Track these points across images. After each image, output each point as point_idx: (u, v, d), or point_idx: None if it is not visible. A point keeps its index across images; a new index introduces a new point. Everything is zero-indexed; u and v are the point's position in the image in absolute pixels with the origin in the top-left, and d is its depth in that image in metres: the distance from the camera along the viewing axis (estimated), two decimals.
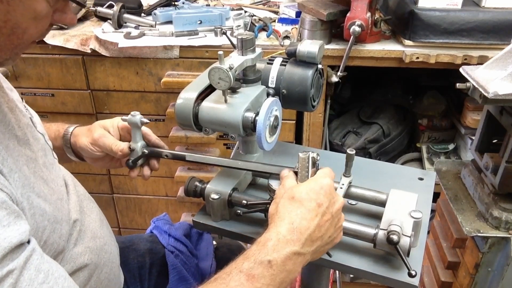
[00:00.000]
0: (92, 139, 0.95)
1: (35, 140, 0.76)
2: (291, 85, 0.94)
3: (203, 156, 0.93)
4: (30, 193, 0.66)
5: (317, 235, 0.70)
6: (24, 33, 0.60)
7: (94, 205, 0.94)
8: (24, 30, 0.60)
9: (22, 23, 0.59)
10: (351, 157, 0.90)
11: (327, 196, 0.71)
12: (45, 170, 0.74)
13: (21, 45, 0.62)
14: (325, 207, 0.71)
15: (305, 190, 0.71)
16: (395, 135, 1.81)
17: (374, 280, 0.80)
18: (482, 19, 1.39)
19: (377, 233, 0.77)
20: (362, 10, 1.40)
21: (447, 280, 1.28)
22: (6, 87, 0.77)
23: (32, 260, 0.59)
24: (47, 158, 0.78)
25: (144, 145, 0.96)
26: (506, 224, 1.07)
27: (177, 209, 1.89)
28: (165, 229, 1.13)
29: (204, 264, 1.10)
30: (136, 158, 0.94)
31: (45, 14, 0.61)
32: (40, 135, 0.80)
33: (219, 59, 0.81)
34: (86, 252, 0.81)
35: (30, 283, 0.57)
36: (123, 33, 1.56)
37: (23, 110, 0.78)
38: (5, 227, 0.56)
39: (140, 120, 0.92)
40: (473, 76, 1.00)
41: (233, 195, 0.88)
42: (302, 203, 0.70)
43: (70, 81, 1.63)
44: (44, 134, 0.83)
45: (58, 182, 0.78)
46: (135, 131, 0.94)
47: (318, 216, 0.70)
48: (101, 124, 0.97)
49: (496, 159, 1.10)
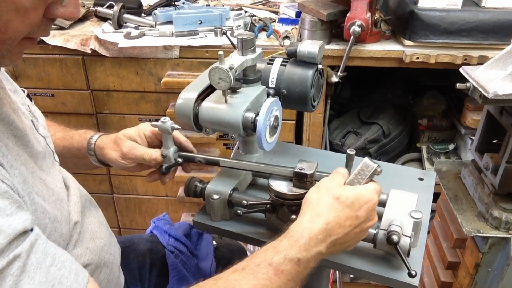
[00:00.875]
0: (122, 153, 0.93)
1: (36, 142, 0.75)
2: (291, 85, 0.94)
3: (238, 162, 0.91)
4: (31, 190, 0.66)
5: (341, 241, 0.72)
6: (7, 27, 0.55)
7: (95, 207, 0.94)
8: (6, 23, 0.55)
9: (3, 16, 0.54)
10: (351, 157, 0.90)
11: (368, 212, 0.72)
12: (43, 173, 0.73)
13: (8, 41, 0.58)
14: (360, 221, 0.72)
15: (352, 196, 0.72)
16: (395, 135, 1.81)
17: (374, 280, 0.80)
18: (482, 19, 1.39)
19: (377, 233, 0.77)
20: (362, 10, 1.40)
21: (447, 280, 1.28)
22: (9, 88, 0.76)
23: (38, 244, 0.59)
24: (46, 161, 0.77)
25: (176, 150, 0.93)
26: (506, 224, 1.07)
27: (177, 209, 1.89)
28: (165, 229, 1.13)
29: (204, 264, 1.10)
30: (169, 165, 0.92)
31: (29, 6, 0.55)
32: (41, 138, 0.79)
33: (219, 59, 0.81)
34: (86, 253, 0.81)
35: (38, 266, 0.58)
36: (123, 33, 1.56)
37: (25, 112, 0.78)
38: (8, 216, 0.56)
39: (171, 126, 0.89)
40: (473, 76, 1.00)
41: (233, 195, 0.88)
42: (343, 208, 0.71)
43: (70, 81, 1.62)
44: (46, 136, 0.82)
45: (57, 184, 0.78)
46: (166, 137, 0.91)
47: (351, 226, 0.71)
48: (127, 135, 0.95)
49: (496, 159, 1.10)
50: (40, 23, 0.60)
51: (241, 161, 0.91)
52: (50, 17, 0.61)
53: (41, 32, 0.62)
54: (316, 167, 0.80)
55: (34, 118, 0.81)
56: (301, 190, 0.79)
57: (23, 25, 0.57)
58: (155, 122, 0.91)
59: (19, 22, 0.56)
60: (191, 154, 0.94)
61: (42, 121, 0.84)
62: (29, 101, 0.85)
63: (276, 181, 0.82)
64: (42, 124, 0.83)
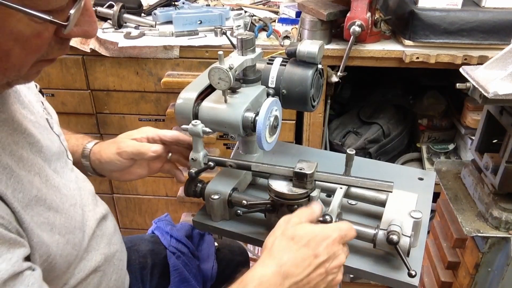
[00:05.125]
0: (118, 148, 0.90)
1: (50, 143, 0.74)
2: (291, 85, 0.94)
3: (270, 166, 0.84)
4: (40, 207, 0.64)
5: (305, 283, 0.66)
6: (9, 56, 0.52)
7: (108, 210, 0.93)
8: (7, 53, 0.52)
9: (1, 45, 0.50)
10: (351, 157, 0.90)
11: (328, 250, 0.67)
12: (56, 176, 0.73)
13: (12, 68, 0.54)
14: (321, 260, 0.67)
15: (308, 235, 0.68)
16: (395, 135, 1.81)
17: (374, 280, 0.80)
18: (482, 19, 1.39)
19: (377, 233, 0.77)
20: (362, 10, 1.40)
21: (447, 280, 1.28)
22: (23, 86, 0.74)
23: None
24: (60, 161, 0.76)
25: (206, 154, 0.89)
26: (506, 224, 1.07)
27: (177, 209, 1.89)
28: (167, 230, 1.13)
29: (206, 266, 1.10)
30: (200, 169, 0.87)
31: (30, 33, 0.51)
32: (55, 136, 0.77)
33: (219, 59, 0.81)
34: (101, 257, 0.81)
35: None
36: (123, 33, 1.56)
37: (40, 110, 0.76)
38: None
39: (202, 130, 0.85)
40: (473, 76, 0.99)
41: (233, 195, 0.88)
42: (299, 248, 0.67)
43: (70, 81, 1.62)
44: (60, 134, 0.81)
45: (71, 186, 0.77)
46: (197, 141, 0.87)
47: (311, 266, 0.66)
48: (128, 135, 0.94)
49: (496, 159, 1.10)
50: (53, 44, 0.56)
51: (273, 166, 0.84)
52: (63, 37, 0.57)
53: (57, 52, 0.58)
54: (316, 167, 0.80)
55: (48, 115, 0.79)
56: (301, 190, 0.79)
57: (26, 53, 0.53)
58: (185, 126, 0.86)
59: (21, 50, 0.52)
60: (222, 158, 0.89)
61: (55, 118, 0.83)
62: (42, 97, 0.83)
63: (276, 181, 0.82)
64: (56, 121, 0.82)
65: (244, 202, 0.83)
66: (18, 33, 0.51)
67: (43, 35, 0.53)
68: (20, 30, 0.50)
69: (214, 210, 0.89)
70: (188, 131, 0.86)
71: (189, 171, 0.88)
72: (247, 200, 0.83)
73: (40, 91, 0.84)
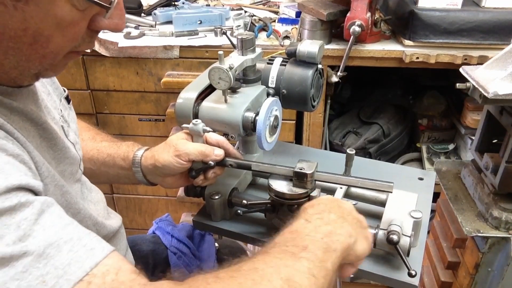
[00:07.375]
0: (175, 150, 0.84)
1: (64, 147, 0.73)
2: (291, 85, 0.94)
3: (270, 166, 0.84)
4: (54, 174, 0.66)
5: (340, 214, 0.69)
6: (49, 42, 0.55)
7: None
8: (48, 38, 0.55)
9: (44, 31, 0.54)
10: (351, 157, 0.90)
11: None
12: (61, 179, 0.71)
13: (50, 55, 0.57)
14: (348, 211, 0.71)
15: None
16: (395, 135, 1.81)
17: (374, 280, 0.80)
18: (482, 19, 1.39)
19: (377, 233, 0.77)
20: (362, 10, 1.40)
21: (447, 280, 1.28)
22: (42, 91, 0.74)
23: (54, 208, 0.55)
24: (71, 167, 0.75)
25: None
26: (506, 224, 1.07)
27: (177, 209, 1.89)
28: (168, 230, 1.13)
29: (206, 266, 1.10)
30: (199, 169, 0.85)
31: (71, 21, 0.55)
32: (70, 144, 0.76)
33: (219, 59, 0.81)
34: None
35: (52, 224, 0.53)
36: (123, 33, 1.56)
37: (56, 117, 0.76)
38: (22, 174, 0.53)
39: (203, 129, 0.84)
40: (473, 76, 0.99)
41: (233, 195, 0.88)
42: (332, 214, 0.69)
43: (70, 81, 1.62)
44: (76, 143, 0.79)
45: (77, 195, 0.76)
46: (197, 140, 0.85)
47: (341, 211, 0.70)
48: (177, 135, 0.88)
49: (496, 159, 1.10)
50: (85, 36, 0.59)
51: (273, 166, 0.84)
52: (94, 29, 0.59)
53: (86, 45, 0.61)
54: (316, 167, 0.80)
55: (65, 123, 0.79)
56: (301, 190, 0.79)
57: (65, 40, 0.56)
58: (186, 125, 0.84)
59: (61, 37, 0.56)
60: None
61: (74, 127, 0.82)
62: (64, 105, 0.82)
63: (276, 181, 0.82)
64: (73, 130, 0.81)
65: (244, 202, 0.84)
66: (61, 20, 0.54)
67: (80, 24, 0.56)
68: (63, 16, 0.54)
69: (214, 210, 0.89)
70: (188, 130, 0.85)
71: (189, 171, 0.87)
72: (247, 200, 0.84)
73: (66, 97, 0.84)
